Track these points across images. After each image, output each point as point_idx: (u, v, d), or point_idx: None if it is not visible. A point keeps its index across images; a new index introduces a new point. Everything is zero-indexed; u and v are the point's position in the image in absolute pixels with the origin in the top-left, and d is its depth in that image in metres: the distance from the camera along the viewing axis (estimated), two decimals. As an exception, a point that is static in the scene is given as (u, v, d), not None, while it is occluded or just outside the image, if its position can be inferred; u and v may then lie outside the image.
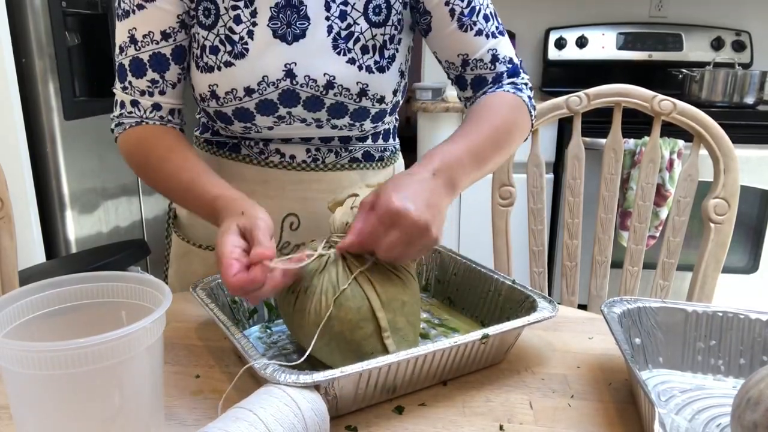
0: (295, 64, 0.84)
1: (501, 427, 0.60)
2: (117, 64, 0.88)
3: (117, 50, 0.88)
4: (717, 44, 2.58)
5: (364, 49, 0.86)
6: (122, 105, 0.89)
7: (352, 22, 0.85)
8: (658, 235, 2.08)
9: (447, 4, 0.87)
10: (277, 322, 0.81)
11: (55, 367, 0.47)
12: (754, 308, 0.72)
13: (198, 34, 0.86)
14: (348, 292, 0.65)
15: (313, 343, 0.64)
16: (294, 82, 0.85)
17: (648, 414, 0.55)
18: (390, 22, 0.87)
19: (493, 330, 0.66)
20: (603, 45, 2.66)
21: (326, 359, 0.67)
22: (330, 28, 0.84)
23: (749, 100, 2.22)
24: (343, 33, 0.84)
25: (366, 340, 0.65)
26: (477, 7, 0.87)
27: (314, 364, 0.68)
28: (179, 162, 0.82)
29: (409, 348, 0.65)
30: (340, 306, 0.64)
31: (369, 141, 0.97)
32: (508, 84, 0.90)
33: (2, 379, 0.50)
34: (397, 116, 1.00)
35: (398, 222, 0.63)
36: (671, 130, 1.31)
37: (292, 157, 0.93)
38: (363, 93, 0.87)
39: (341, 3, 0.84)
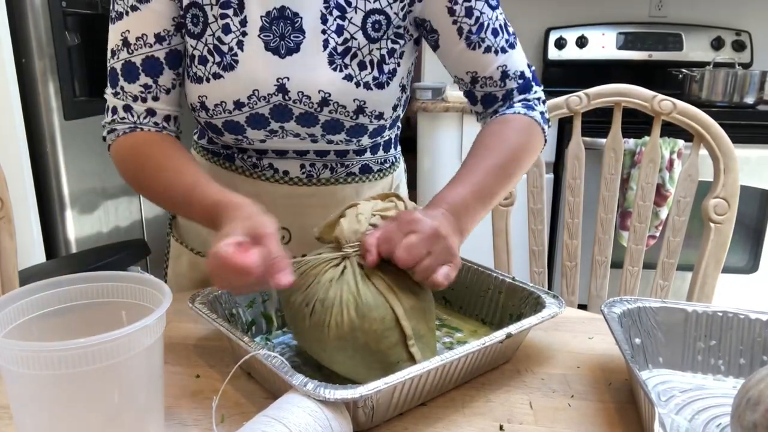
0: (288, 79, 0.80)
1: (501, 427, 0.60)
2: (108, 68, 0.85)
3: (109, 54, 0.85)
4: (717, 44, 2.58)
5: (362, 65, 0.82)
6: (114, 111, 0.85)
7: (349, 37, 0.80)
8: (658, 235, 2.08)
9: (454, 23, 0.84)
10: (276, 334, 0.79)
11: (55, 367, 0.47)
12: (754, 308, 0.72)
13: (187, 42, 0.83)
14: (371, 301, 0.63)
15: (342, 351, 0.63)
16: (286, 98, 0.81)
17: (648, 414, 0.55)
18: (386, 36, 0.83)
19: (515, 329, 0.66)
20: (603, 45, 2.65)
21: (349, 372, 0.65)
22: (326, 43, 0.80)
23: (749, 100, 2.22)
24: (340, 48, 0.80)
25: (392, 350, 0.63)
26: (485, 23, 0.85)
27: (330, 377, 0.66)
28: (177, 168, 0.79)
29: (431, 354, 0.65)
30: (363, 317, 0.62)
31: (368, 154, 0.94)
32: (519, 102, 0.89)
33: (2, 379, 0.50)
34: (399, 124, 0.97)
35: (416, 227, 0.63)
36: (671, 130, 1.31)
37: (286, 172, 0.90)
38: (360, 110, 0.83)
39: (338, 17, 0.80)
